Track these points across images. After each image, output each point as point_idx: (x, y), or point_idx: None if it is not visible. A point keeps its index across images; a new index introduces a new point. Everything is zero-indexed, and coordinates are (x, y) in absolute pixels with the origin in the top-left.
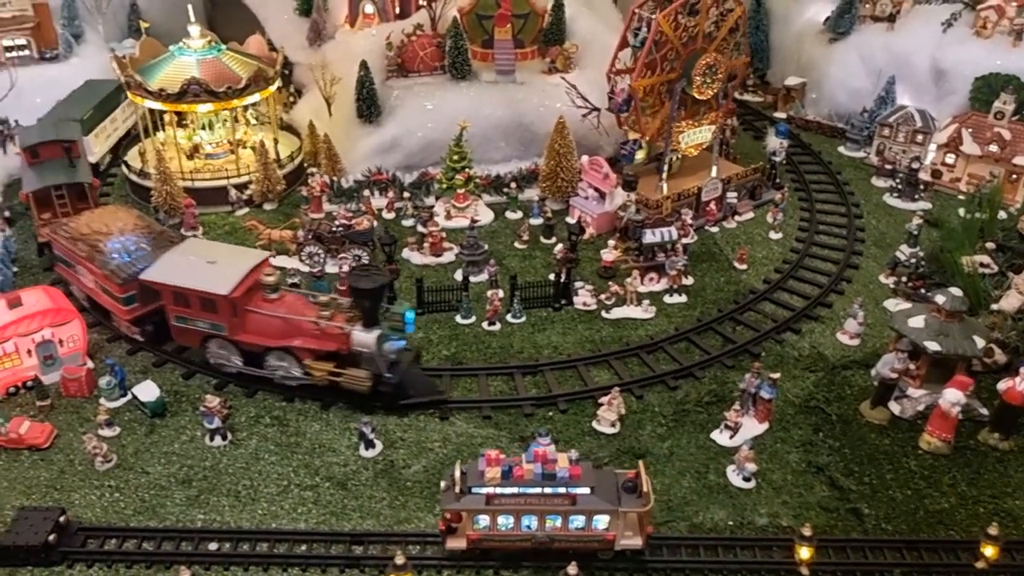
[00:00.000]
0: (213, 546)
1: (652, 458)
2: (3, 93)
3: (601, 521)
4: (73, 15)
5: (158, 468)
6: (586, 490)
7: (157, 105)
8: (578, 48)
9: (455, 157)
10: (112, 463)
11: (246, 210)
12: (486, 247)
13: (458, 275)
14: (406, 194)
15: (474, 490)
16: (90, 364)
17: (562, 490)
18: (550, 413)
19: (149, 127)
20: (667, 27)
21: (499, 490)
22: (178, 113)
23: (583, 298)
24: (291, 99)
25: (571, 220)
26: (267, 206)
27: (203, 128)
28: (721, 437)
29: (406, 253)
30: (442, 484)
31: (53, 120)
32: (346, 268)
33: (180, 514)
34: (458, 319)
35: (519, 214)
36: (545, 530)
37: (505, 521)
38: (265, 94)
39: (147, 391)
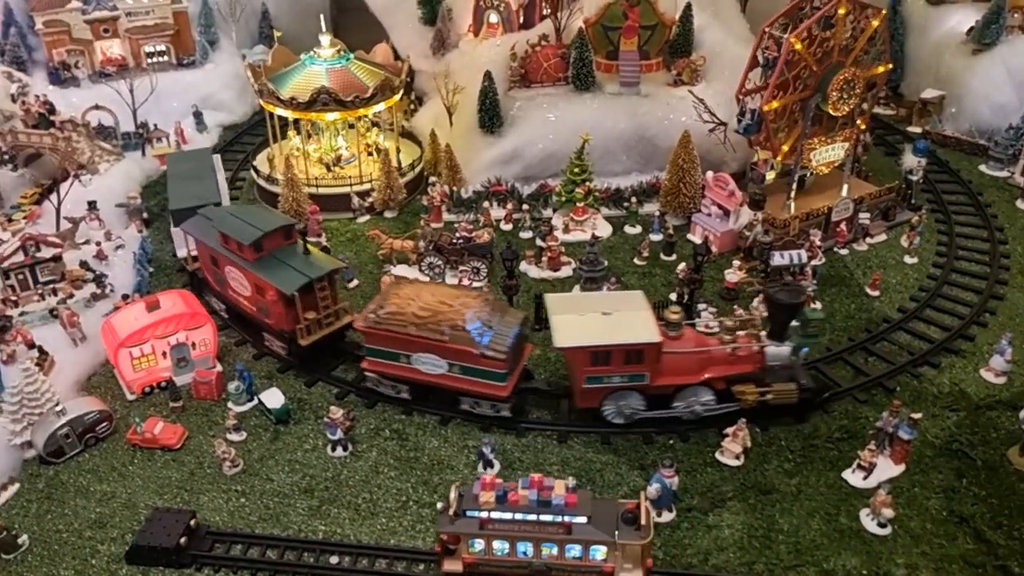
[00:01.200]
0: (334, 559)
1: (778, 495)
2: (144, 98)
3: (599, 552)
4: (209, 23)
5: (282, 476)
6: (582, 519)
7: (286, 113)
8: (705, 60)
9: (576, 170)
10: (239, 468)
11: (367, 217)
12: (606, 263)
13: (576, 291)
14: (525, 206)
15: (469, 513)
16: (218, 367)
17: (557, 518)
18: (671, 440)
19: (277, 133)
20: (800, 46)
21: (493, 515)
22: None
23: (705, 320)
24: (412, 107)
25: (693, 237)
26: (388, 214)
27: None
28: (854, 477)
29: (523, 266)
30: (439, 505)
31: (228, 209)
32: (466, 280)
33: (302, 523)
34: None
35: (638, 229)
36: (541, 558)
37: (500, 546)
38: (390, 103)
39: (273, 398)
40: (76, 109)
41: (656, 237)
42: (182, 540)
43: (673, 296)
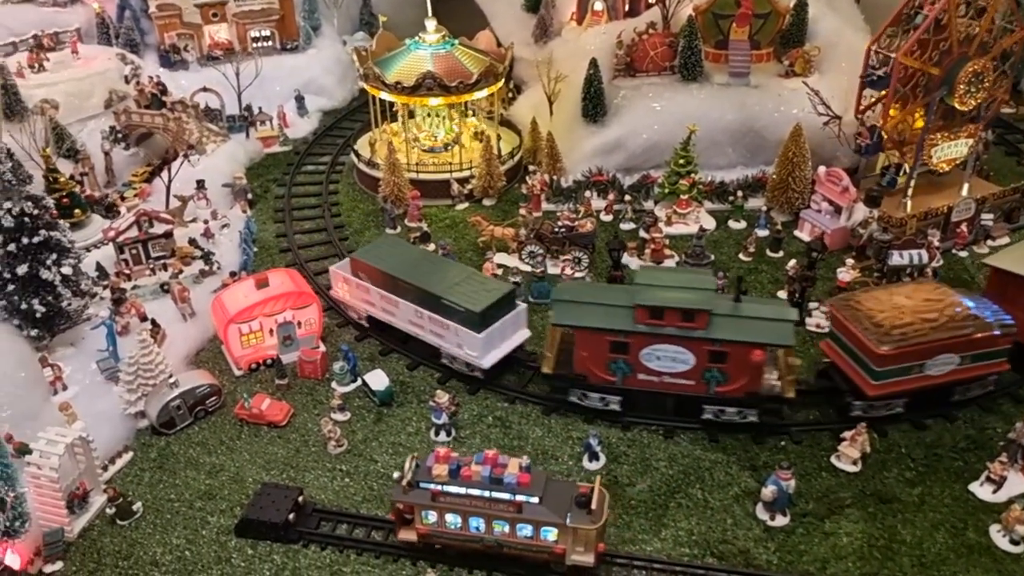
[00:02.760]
0: (437, 544)
1: (900, 505)
2: (248, 81)
3: (550, 532)
4: (313, 8)
5: (385, 458)
6: (534, 499)
7: (391, 97)
8: (820, 51)
9: (680, 161)
10: (344, 448)
11: (466, 204)
12: (712, 257)
13: None
14: (626, 197)
15: (421, 485)
16: (322, 347)
17: (508, 496)
18: (782, 443)
19: (378, 117)
20: (911, 62)
21: (445, 488)
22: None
23: (816, 319)
24: (510, 95)
25: (800, 233)
26: (486, 201)
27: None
28: (982, 490)
29: (625, 258)
30: (395, 475)
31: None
32: (568, 270)
33: None
34: None
35: (743, 224)
36: (493, 534)
37: (453, 520)
38: (492, 90)
39: (377, 380)
40: (185, 91)
41: (762, 232)
42: (290, 516)
43: (782, 294)
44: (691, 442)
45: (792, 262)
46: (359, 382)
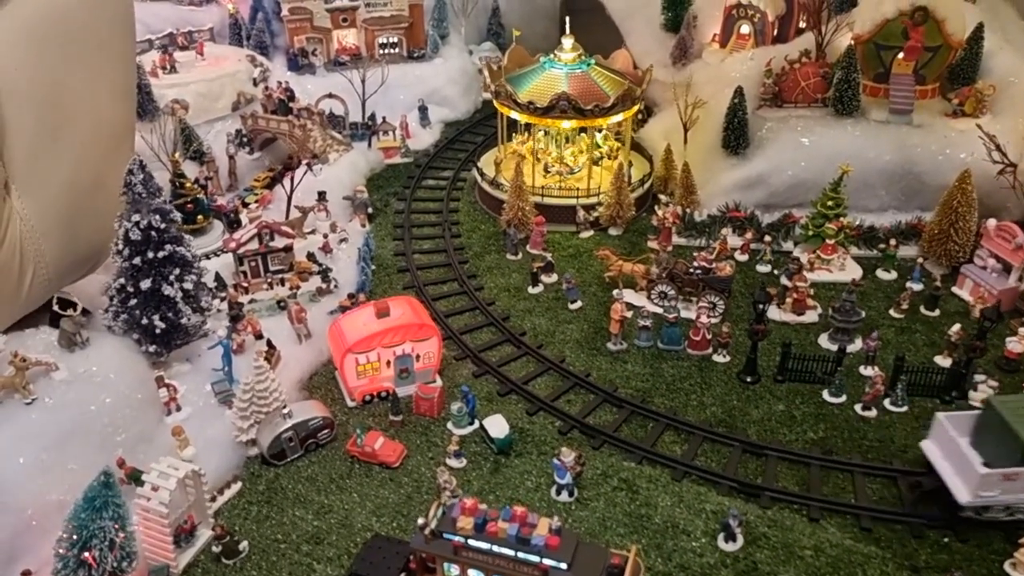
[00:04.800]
0: None
1: None
2: (374, 89)
3: None
4: (442, 17)
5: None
6: (561, 565)
7: (521, 118)
8: (994, 90)
9: (829, 203)
10: (458, 500)
11: (591, 233)
12: (863, 314)
13: (823, 340)
14: (766, 237)
15: (445, 535)
16: (439, 382)
17: (535, 558)
18: (945, 539)
19: (503, 135)
20: None
21: (469, 542)
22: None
23: (981, 394)
24: (639, 117)
25: (960, 290)
26: (612, 231)
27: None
28: None
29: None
30: (419, 520)
31: None
32: (704, 318)
33: None
34: (825, 395)
35: (893, 275)
36: None
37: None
38: (628, 115)
39: (497, 426)
40: (311, 96)
41: (917, 287)
42: None
43: (940, 359)
44: (840, 528)
45: (956, 327)
46: (476, 425)
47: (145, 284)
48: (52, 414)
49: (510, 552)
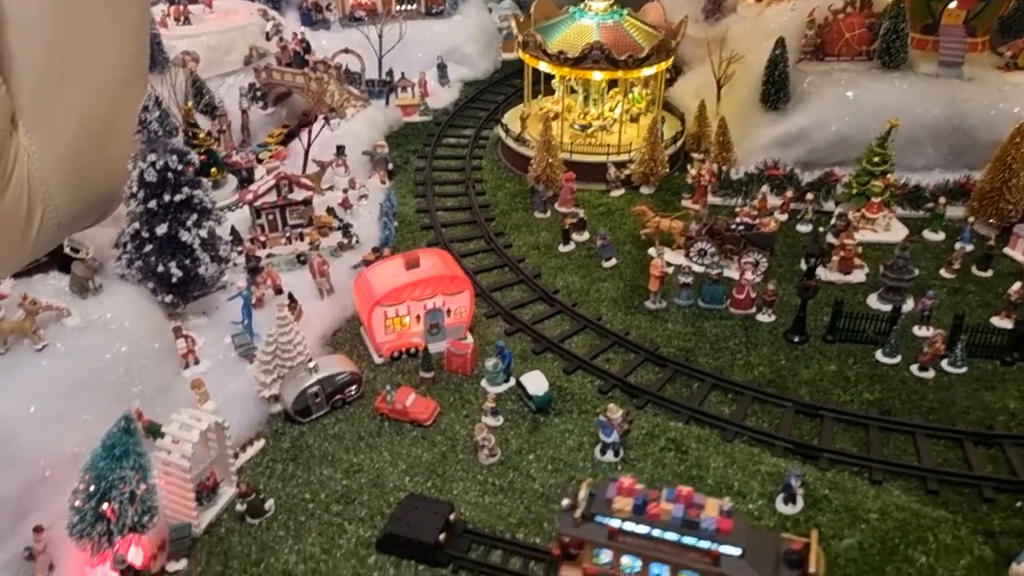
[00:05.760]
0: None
1: None
2: (391, 45)
3: None
4: None
5: (543, 475)
6: (735, 551)
7: (550, 69)
8: None
9: (875, 159)
10: (496, 459)
11: (622, 191)
12: (916, 272)
13: (872, 301)
14: (808, 195)
15: (598, 519)
16: (470, 339)
17: (704, 544)
18: (1018, 503)
19: (528, 92)
20: None
21: (627, 526)
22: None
23: None
24: (668, 75)
25: (1012, 251)
26: (644, 189)
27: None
28: None
29: (801, 265)
30: (564, 502)
31: None
32: (748, 275)
33: None
34: (879, 356)
35: (941, 236)
36: None
37: (631, 563)
38: (662, 67)
39: (536, 383)
40: (326, 52)
41: (968, 247)
42: (441, 536)
43: (998, 320)
44: (904, 491)
45: (1016, 286)
46: (512, 383)
47: (161, 229)
48: (64, 361)
49: (674, 536)
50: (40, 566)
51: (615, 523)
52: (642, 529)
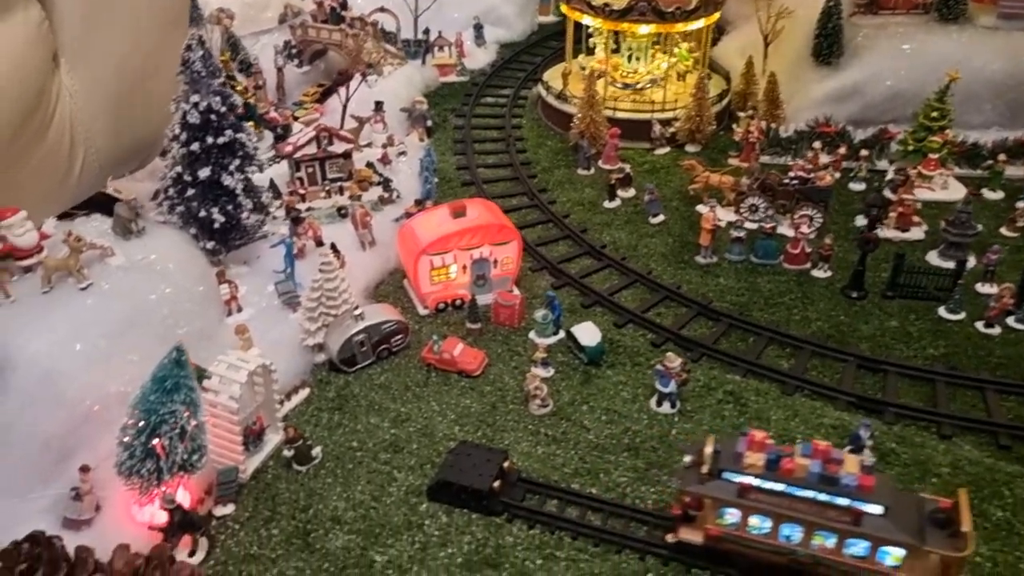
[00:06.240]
0: (671, 539)
1: None
2: (427, 5)
3: (890, 556)
4: None
5: (598, 426)
6: (877, 509)
7: (594, 23)
8: None
9: (933, 114)
10: (548, 409)
11: (667, 149)
12: (980, 228)
13: (931, 257)
14: (863, 151)
15: (726, 475)
16: (516, 292)
17: (845, 502)
18: None
19: (570, 49)
20: None
21: (759, 482)
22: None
23: None
24: (711, 34)
25: None
26: (689, 147)
27: (631, 54)
28: None
29: (861, 221)
30: (685, 459)
31: None
32: (805, 228)
33: (628, 487)
34: (941, 312)
35: (1000, 194)
36: (810, 548)
37: (760, 523)
38: (710, 21)
39: (588, 334)
40: (361, 11)
41: None
42: (495, 484)
43: None
44: (975, 446)
45: None
46: (561, 335)
47: (203, 173)
48: (109, 301)
49: (811, 494)
50: (87, 506)
51: (747, 479)
52: (776, 486)
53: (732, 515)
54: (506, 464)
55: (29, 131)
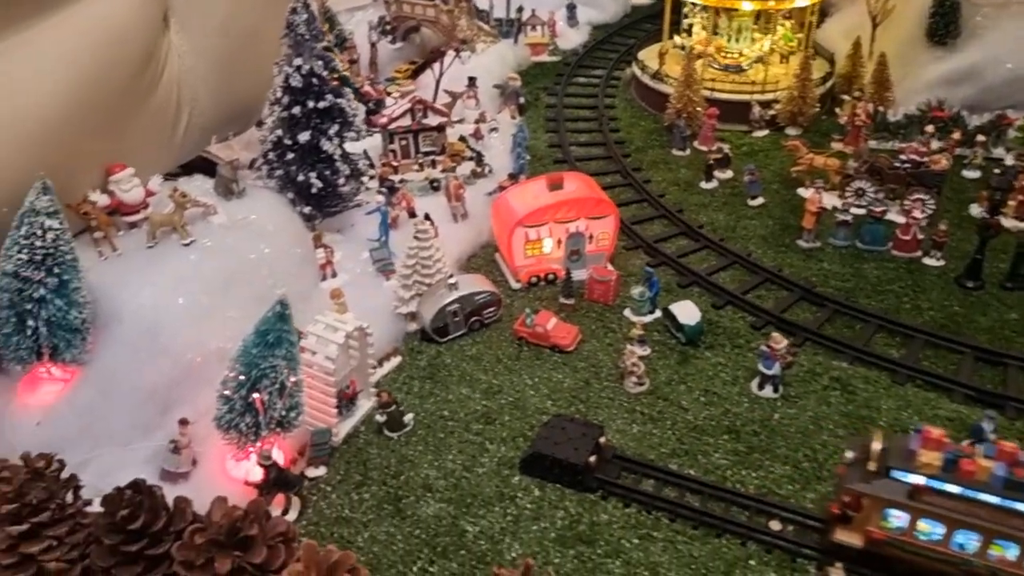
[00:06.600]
0: (776, 525)
1: None
2: None
3: None
4: None
5: (696, 407)
6: None
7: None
8: None
9: None
10: (644, 387)
11: (766, 132)
12: None
13: None
14: (980, 136)
15: (895, 474)
16: (610, 268)
17: None
18: None
19: (667, 27)
20: None
21: (934, 484)
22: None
23: None
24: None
25: None
26: (790, 130)
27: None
28: None
29: (976, 210)
30: (847, 454)
31: None
32: (918, 214)
33: (728, 471)
34: None
35: None
36: (987, 558)
37: (930, 528)
38: (816, 0)
39: (687, 312)
40: None
41: None
42: (591, 459)
43: None
44: None
45: None
46: (657, 314)
47: (303, 137)
48: (211, 257)
49: (995, 499)
50: (184, 460)
51: (919, 480)
52: (953, 488)
53: (898, 518)
54: (602, 440)
55: (139, 89)
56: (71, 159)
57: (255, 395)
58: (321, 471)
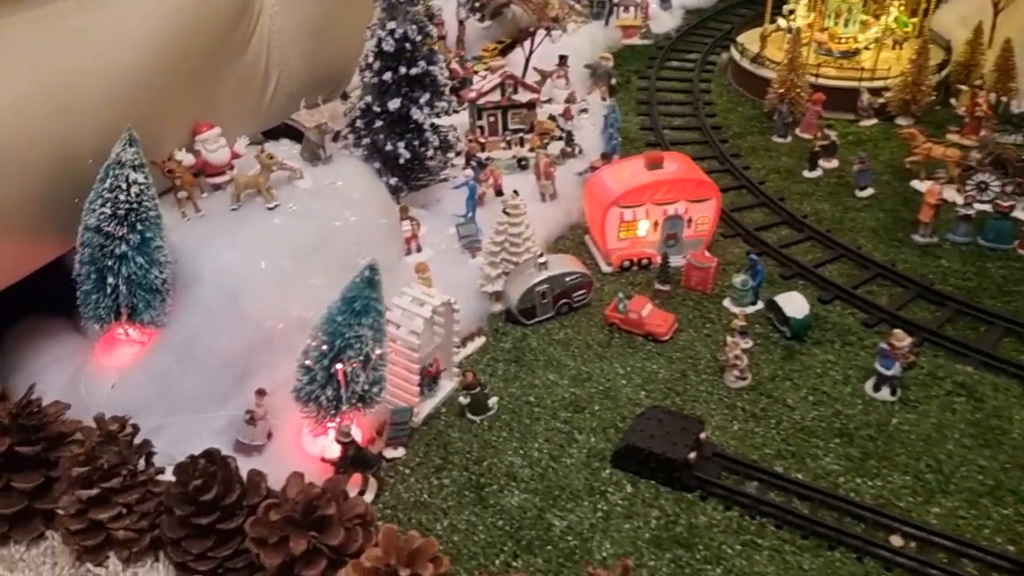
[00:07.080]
0: (897, 541)
1: None
2: None
3: None
4: None
5: (803, 406)
6: None
7: None
8: None
9: None
10: (747, 382)
11: (874, 121)
12: None
13: None
14: None
15: None
16: (708, 255)
17: None
18: None
19: (769, 9)
20: None
21: None
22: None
23: None
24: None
25: None
26: (901, 120)
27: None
28: None
29: None
30: None
31: None
32: None
33: (840, 477)
34: None
35: None
36: None
37: None
38: None
39: (795, 305)
40: None
41: None
42: (691, 455)
43: None
44: None
45: None
46: (760, 305)
47: (393, 104)
48: (296, 222)
49: None
50: (259, 432)
51: None
52: None
53: None
54: (703, 435)
55: (229, 47)
56: (158, 115)
57: (337, 366)
58: (400, 452)
